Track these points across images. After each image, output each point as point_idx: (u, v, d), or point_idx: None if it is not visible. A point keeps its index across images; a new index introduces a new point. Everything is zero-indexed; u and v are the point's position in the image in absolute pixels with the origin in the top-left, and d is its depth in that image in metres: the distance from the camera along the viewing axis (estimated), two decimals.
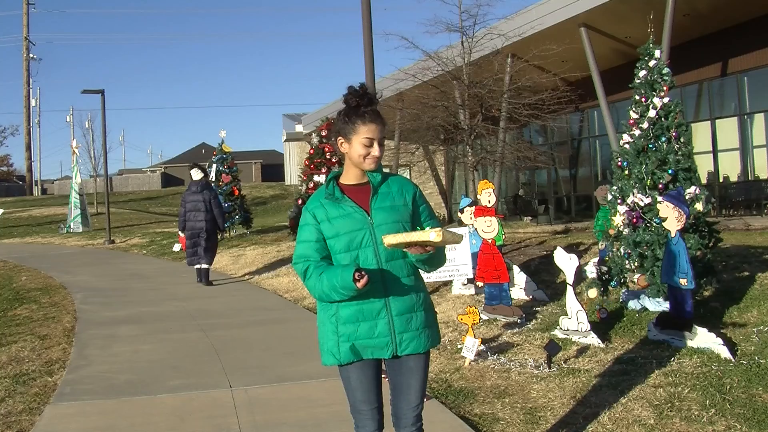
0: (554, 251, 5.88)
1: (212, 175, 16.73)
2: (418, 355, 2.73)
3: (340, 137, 2.72)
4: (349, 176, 2.76)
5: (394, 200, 2.72)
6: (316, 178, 13.35)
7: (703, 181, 15.52)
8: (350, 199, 2.70)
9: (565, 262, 5.70)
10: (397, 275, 2.68)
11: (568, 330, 5.72)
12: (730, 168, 16.27)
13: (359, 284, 2.50)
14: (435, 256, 2.67)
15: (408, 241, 2.51)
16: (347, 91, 2.70)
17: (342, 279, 2.53)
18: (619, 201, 6.52)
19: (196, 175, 10.63)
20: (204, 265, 10.37)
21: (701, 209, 6.16)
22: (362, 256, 2.66)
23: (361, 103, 2.68)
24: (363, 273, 2.51)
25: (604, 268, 6.67)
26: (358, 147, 2.68)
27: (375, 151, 2.69)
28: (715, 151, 16.36)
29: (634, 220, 6.30)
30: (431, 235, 2.46)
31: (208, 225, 10.29)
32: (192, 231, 10.29)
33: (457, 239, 2.61)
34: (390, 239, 2.54)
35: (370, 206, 2.70)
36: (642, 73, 6.52)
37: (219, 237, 10.88)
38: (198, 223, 10.28)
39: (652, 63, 6.47)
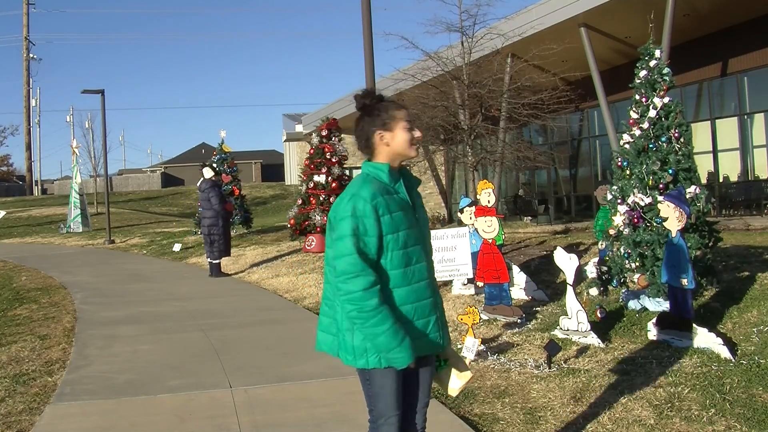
0: (554, 251, 5.87)
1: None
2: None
3: (380, 131, 2.63)
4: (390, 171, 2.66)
5: (420, 199, 2.76)
6: (316, 178, 13.31)
7: (703, 181, 15.52)
8: (406, 193, 2.64)
9: (565, 262, 5.70)
10: (433, 273, 2.71)
11: (568, 330, 5.72)
12: (730, 168, 16.26)
13: (404, 369, 2.53)
14: None
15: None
16: (361, 94, 2.68)
17: (401, 352, 2.47)
18: (619, 201, 6.52)
19: (207, 173, 11.34)
20: (214, 260, 11.00)
21: (701, 209, 6.16)
22: (413, 254, 2.59)
23: (380, 99, 2.69)
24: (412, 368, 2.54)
25: (604, 268, 6.67)
26: (402, 133, 2.64)
27: (417, 132, 2.67)
28: (715, 151, 16.35)
29: (635, 220, 6.30)
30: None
31: (210, 221, 10.93)
32: (202, 227, 11.14)
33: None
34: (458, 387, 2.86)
35: (414, 202, 2.68)
36: (642, 72, 6.52)
37: (222, 228, 11.04)
38: (203, 219, 11.10)
39: (652, 63, 6.47)
